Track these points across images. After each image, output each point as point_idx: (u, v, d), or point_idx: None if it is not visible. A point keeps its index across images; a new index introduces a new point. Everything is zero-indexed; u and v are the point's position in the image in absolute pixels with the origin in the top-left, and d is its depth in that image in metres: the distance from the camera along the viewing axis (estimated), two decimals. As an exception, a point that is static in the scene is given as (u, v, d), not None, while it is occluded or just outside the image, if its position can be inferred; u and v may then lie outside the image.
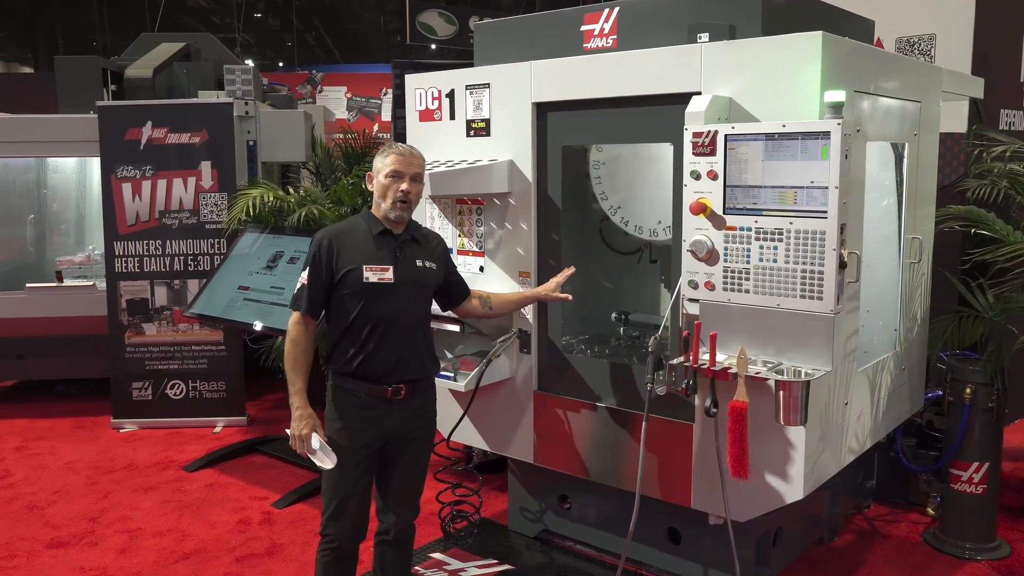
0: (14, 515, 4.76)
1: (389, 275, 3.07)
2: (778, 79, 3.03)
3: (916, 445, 4.68)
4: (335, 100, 21.30)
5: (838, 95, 2.78)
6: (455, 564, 4.14)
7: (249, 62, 7.06)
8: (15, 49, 25.31)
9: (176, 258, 6.20)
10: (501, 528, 4.51)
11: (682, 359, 3.00)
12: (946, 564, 4.13)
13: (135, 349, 6.22)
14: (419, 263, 3.17)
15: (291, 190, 6.07)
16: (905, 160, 3.81)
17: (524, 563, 4.14)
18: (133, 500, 4.96)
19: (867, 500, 4.74)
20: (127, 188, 6.14)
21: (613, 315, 4.39)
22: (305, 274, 3.12)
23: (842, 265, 2.83)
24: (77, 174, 7.62)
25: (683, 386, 2.99)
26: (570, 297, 3.62)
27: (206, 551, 4.32)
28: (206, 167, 6.14)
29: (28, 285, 6.44)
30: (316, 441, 3.01)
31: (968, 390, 4.11)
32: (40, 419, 6.51)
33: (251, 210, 5.78)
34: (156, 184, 6.14)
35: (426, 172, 3.67)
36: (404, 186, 3.08)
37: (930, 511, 4.47)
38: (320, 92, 23.20)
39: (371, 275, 3.05)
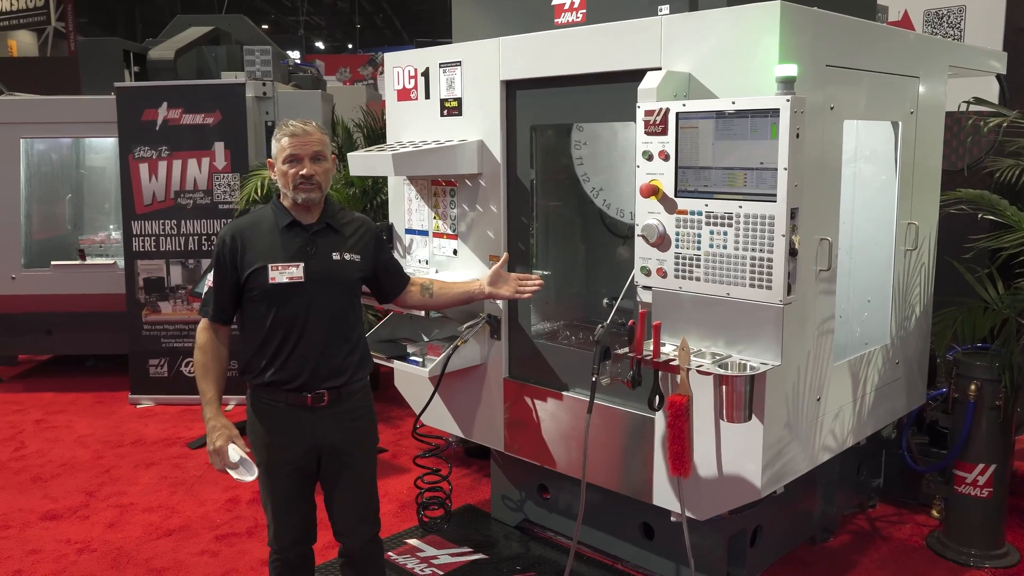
0: (18, 486, 4.91)
1: (299, 273, 2.77)
2: (737, 53, 2.84)
3: (928, 443, 4.42)
4: (396, 81, 21.22)
5: (789, 69, 2.58)
6: (429, 551, 4.08)
7: (263, 46, 7.06)
8: (100, 33, 26.25)
9: (191, 238, 6.28)
10: (484, 516, 4.44)
11: (627, 350, 2.86)
12: (945, 570, 3.90)
13: (152, 327, 6.34)
14: (336, 256, 2.86)
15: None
16: (900, 140, 3.55)
17: (499, 552, 4.06)
18: (133, 475, 5.06)
19: (872, 499, 4.50)
20: (144, 168, 6.23)
21: (605, 300, 4.24)
22: (210, 276, 2.87)
23: (793, 252, 2.64)
24: (114, 155, 7.79)
25: (627, 378, 2.84)
26: (528, 295, 3.37)
27: (189, 528, 4.36)
28: (219, 147, 6.19)
29: (53, 263, 6.62)
30: (234, 453, 2.79)
31: (973, 387, 3.84)
32: (65, 393, 6.71)
33: (260, 190, 5.80)
34: (171, 164, 6.22)
35: (391, 153, 3.60)
36: (304, 171, 2.75)
37: (934, 513, 4.22)
38: (381, 74, 23.33)
39: (278, 274, 2.76)
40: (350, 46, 30.70)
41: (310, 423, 2.87)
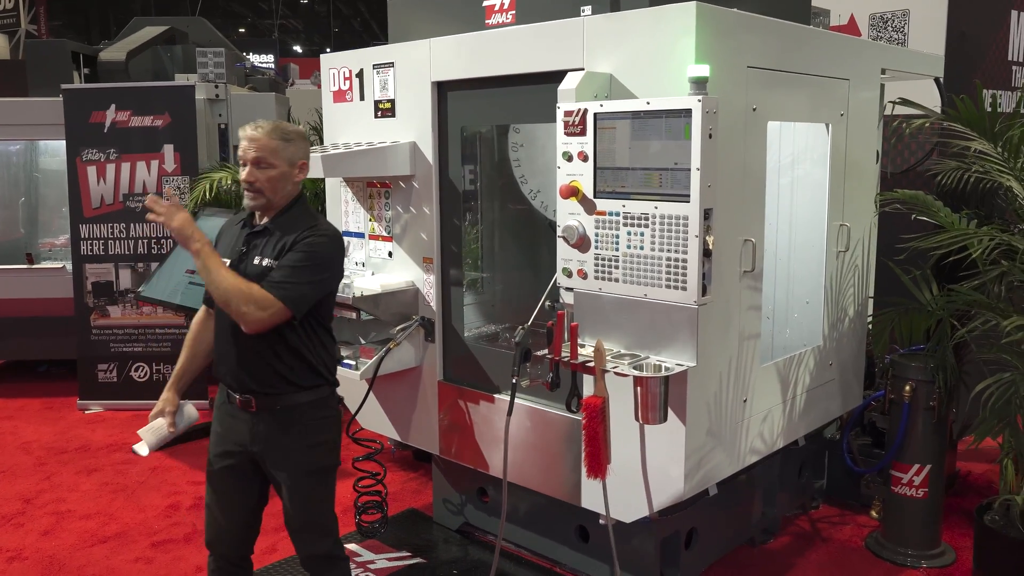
0: (-46, 494, 4.82)
1: None
2: (656, 53, 2.84)
3: (871, 444, 4.43)
4: (370, 84, 21.16)
5: (701, 70, 2.57)
6: (367, 555, 4.05)
7: (221, 48, 7.01)
8: (74, 36, 26.03)
9: (140, 241, 6.21)
10: (426, 519, 4.41)
11: (546, 351, 2.84)
12: (882, 571, 3.91)
13: (100, 331, 6.25)
14: (258, 260, 2.73)
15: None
16: (829, 142, 3.56)
17: (437, 556, 4.03)
18: (73, 482, 4.98)
19: (815, 500, 4.51)
20: (92, 171, 6.16)
21: (547, 303, 4.22)
22: None
23: (707, 253, 2.63)
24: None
25: (547, 380, 2.83)
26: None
27: (126, 535, 4.30)
28: (169, 150, 6.12)
29: (-1, 266, 6.54)
30: (153, 425, 2.82)
31: (908, 387, 3.86)
32: (14, 399, 6.60)
33: (209, 193, 5.75)
34: (120, 167, 6.15)
35: (321, 154, 3.57)
36: (243, 175, 2.72)
37: (874, 514, 4.22)
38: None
39: None
40: (328, 50, 30.62)
41: (242, 423, 2.82)
